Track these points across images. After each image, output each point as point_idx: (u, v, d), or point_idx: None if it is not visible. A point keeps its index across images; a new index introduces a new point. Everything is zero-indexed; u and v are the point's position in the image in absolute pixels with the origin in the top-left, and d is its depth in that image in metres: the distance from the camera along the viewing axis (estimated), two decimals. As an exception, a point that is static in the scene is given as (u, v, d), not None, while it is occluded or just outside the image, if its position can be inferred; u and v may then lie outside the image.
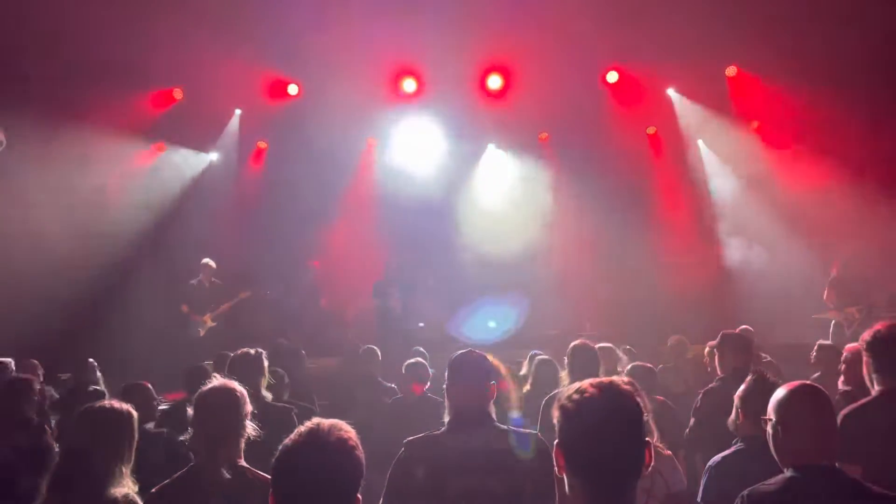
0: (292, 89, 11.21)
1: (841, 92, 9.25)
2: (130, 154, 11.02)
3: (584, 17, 9.67)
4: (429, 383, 5.62)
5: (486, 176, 12.74)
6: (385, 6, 9.56)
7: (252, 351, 4.31)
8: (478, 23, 9.93)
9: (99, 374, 6.68)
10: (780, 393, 2.56)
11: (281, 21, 9.46)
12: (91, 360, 6.80)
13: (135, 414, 3.12)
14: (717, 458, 3.19)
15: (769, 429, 2.56)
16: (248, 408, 2.98)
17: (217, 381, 3.06)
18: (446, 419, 3.04)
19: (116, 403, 3.14)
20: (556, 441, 1.82)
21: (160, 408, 5.31)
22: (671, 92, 11.63)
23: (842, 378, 4.91)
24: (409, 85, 11.15)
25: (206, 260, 10.60)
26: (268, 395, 4.22)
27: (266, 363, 4.32)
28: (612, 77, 11.20)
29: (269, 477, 1.94)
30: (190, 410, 2.98)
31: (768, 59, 10.05)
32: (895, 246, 9.11)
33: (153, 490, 2.84)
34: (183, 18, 8.66)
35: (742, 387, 3.25)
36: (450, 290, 11.73)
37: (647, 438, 1.78)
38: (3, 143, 8.20)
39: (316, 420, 1.98)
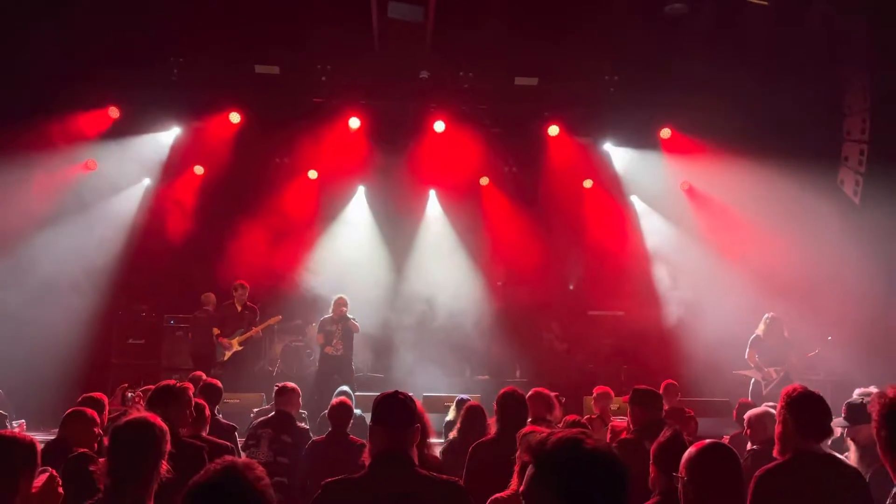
0: (234, 117, 11.10)
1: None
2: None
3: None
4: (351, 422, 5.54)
5: (425, 220, 12.75)
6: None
7: (176, 383, 4.16)
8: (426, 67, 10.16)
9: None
10: (690, 451, 2.59)
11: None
12: None
13: (36, 444, 2.94)
14: (636, 513, 3.19)
15: (680, 486, 2.58)
16: (167, 447, 2.85)
17: (138, 413, 2.91)
18: (367, 461, 2.96)
19: (19, 433, 2.97)
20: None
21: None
22: (609, 147, 12.00)
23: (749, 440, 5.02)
24: (353, 122, 11.20)
25: (239, 282, 10.33)
26: (182, 432, 4.05)
27: (190, 397, 4.18)
28: (554, 131, 11.48)
29: None
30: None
31: (702, 122, 10.56)
32: (822, 310, 9.54)
33: None
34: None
35: (657, 442, 3.27)
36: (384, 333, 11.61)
37: None
38: None
39: (228, 458, 1.90)
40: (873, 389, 5.52)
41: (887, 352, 9.00)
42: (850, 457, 4.17)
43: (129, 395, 5.56)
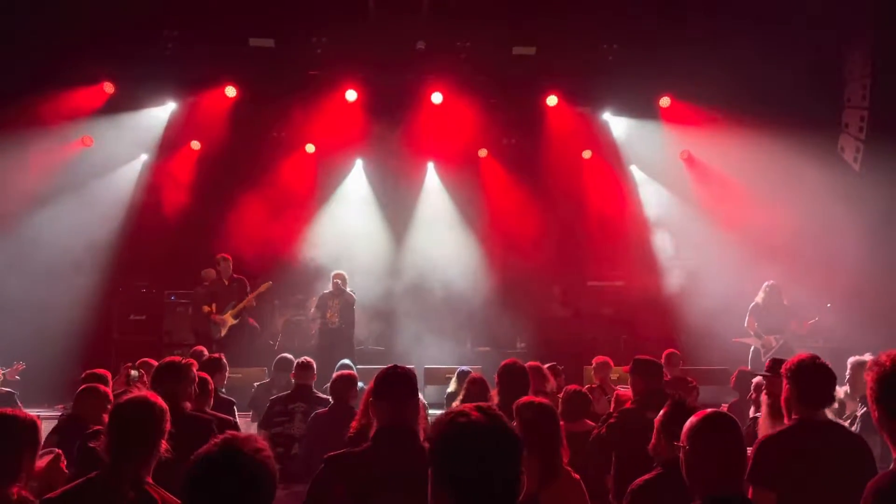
0: (230, 91, 10.99)
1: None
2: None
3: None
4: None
5: (424, 192, 12.69)
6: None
7: (180, 359, 4.19)
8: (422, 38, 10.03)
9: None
10: (691, 420, 2.60)
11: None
12: None
13: (37, 421, 2.96)
14: (639, 481, 3.21)
15: (681, 455, 2.59)
16: (167, 426, 2.86)
17: (139, 392, 2.93)
18: (371, 434, 2.98)
19: (20, 411, 2.98)
20: (433, 459, 1.78)
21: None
22: (608, 116, 11.91)
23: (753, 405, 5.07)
24: (350, 95, 11.10)
25: (221, 255, 10.23)
26: (188, 406, 4.08)
27: (194, 373, 4.21)
28: (552, 101, 11.39)
29: (177, 500, 1.86)
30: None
31: (702, 90, 10.47)
32: (821, 277, 9.55)
33: (47, 496, 2.72)
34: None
35: (661, 412, 3.28)
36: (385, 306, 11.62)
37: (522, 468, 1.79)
38: None
39: (229, 432, 1.91)
40: (867, 357, 5.56)
41: (887, 319, 9.02)
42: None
43: (133, 373, 5.58)
